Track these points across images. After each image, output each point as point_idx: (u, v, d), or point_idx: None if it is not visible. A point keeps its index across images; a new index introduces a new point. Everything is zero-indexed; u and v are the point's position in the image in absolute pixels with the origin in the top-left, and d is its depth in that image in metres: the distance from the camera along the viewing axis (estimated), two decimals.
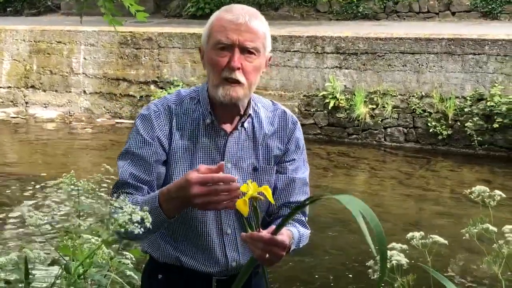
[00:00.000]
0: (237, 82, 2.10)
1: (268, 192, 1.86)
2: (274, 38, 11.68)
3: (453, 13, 14.49)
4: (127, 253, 2.61)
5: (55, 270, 2.23)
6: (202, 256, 2.21)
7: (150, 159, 2.15)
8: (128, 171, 2.14)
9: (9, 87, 14.04)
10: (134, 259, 2.57)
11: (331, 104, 11.15)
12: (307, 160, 2.38)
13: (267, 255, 1.93)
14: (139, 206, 1.99)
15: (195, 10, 16.21)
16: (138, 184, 2.13)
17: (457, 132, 10.42)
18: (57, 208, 6.71)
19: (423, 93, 10.70)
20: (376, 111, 10.97)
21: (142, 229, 1.91)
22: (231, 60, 2.08)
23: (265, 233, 1.92)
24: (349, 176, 9.88)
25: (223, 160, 2.18)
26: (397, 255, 1.42)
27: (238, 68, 2.08)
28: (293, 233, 2.16)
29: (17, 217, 7.19)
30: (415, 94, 10.72)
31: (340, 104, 11.14)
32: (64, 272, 1.98)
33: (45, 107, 13.76)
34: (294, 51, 11.58)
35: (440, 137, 10.48)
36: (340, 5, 15.26)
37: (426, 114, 10.65)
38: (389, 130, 10.98)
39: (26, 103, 13.92)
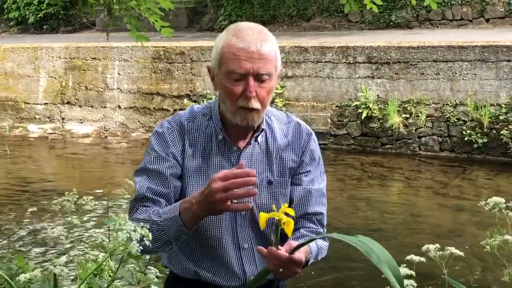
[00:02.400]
0: (253, 109, 2.12)
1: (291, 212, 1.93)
2: (305, 50, 11.75)
3: (487, 20, 14.32)
4: (152, 268, 2.63)
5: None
6: (220, 271, 2.22)
7: (166, 173, 2.18)
8: (146, 186, 2.17)
9: (46, 103, 14.29)
10: (158, 273, 2.59)
11: (364, 114, 11.10)
12: (324, 172, 2.39)
13: (281, 270, 1.98)
14: (161, 215, 2.05)
15: (228, 23, 16.31)
16: (156, 197, 2.16)
17: (492, 140, 10.28)
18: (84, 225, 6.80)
19: (457, 101, 10.59)
20: (410, 120, 10.88)
21: (160, 242, 1.95)
22: (246, 89, 2.08)
23: (283, 251, 1.97)
24: (384, 186, 9.80)
25: None
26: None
27: (254, 96, 2.10)
28: (311, 247, 2.18)
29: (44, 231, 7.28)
30: (449, 103, 10.62)
31: (373, 114, 11.09)
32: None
33: (81, 122, 13.96)
34: (326, 61, 11.56)
35: (475, 145, 10.35)
36: (372, 14, 15.20)
37: (460, 122, 10.53)
38: (423, 139, 10.88)
39: (63, 119, 14.15)
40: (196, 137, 2.22)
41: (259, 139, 2.24)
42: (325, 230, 2.36)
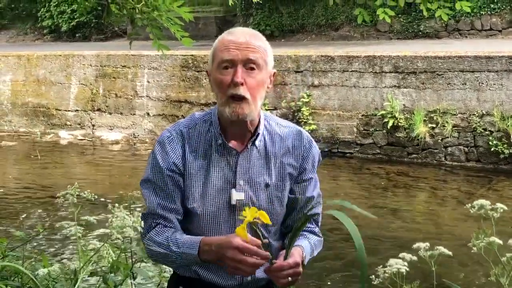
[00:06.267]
0: (242, 98, 2.21)
1: (264, 217, 2.00)
2: (332, 59, 11.81)
3: None
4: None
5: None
6: (218, 270, 2.32)
7: (170, 188, 2.30)
8: (156, 202, 2.30)
9: (77, 110, 14.55)
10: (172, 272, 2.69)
11: (390, 124, 11.12)
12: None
13: (289, 279, 2.12)
14: (179, 246, 2.20)
15: None
16: (167, 214, 2.29)
17: None
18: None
19: (483, 112, 10.56)
20: (436, 130, 10.88)
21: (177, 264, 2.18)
22: (234, 76, 2.20)
23: (279, 262, 2.13)
24: (409, 196, 9.80)
25: (235, 178, 2.30)
26: (397, 264, 1.49)
27: (242, 84, 2.20)
28: (304, 247, 2.28)
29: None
30: (475, 113, 10.60)
31: (399, 124, 11.10)
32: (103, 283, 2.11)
33: (111, 129, 14.18)
34: (352, 70, 11.61)
35: (501, 156, 10.31)
36: (401, 24, 15.21)
37: (487, 132, 10.50)
38: (449, 149, 10.86)
39: (93, 125, 14.39)
40: (197, 143, 2.33)
41: (256, 143, 2.33)
42: (320, 227, 2.48)
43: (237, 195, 2.15)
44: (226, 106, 2.23)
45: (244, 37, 2.23)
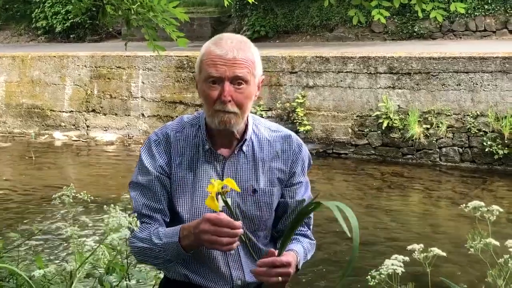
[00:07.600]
0: (230, 112, 2.20)
1: (231, 183, 2.03)
2: (327, 60, 11.81)
3: (510, 31, 14.28)
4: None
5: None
6: (208, 274, 2.32)
7: (157, 190, 2.29)
8: (141, 202, 2.30)
9: (71, 111, 14.52)
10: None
11: (385, 124, 11.14)
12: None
13: (279, 279, 2.10)
14: (161, 238, 2.20)
15: (251, 33, 16.45)
16: (152, 213, 2.29)
17: None
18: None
19: (478, 112, 10.58)
20: (431, 131, 10.90)
21: (161, 259, 2.12)
22: (221, 93, 2.17)
23: (274, 257, 2.12)
24: (403, 196, 9.82)
25: None
26: (393, 264, 1.49)
27: (229, 101, 2.18)
28: (298, 252, 2.28)
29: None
30: (470, 113, 10.62)
31: (394, 124, 11.12)
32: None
33: (105, 130, 14.16)
34: (347, 71, 11.63)
35: (496, 156, 10.33)
36: (395, 25, 15.24)
37: (481, 133, 10.52)
38: (444, 150, 10.89)
39: (87, 126, 14.37)
40: (183, 147, 2.31)
41: (244, 148, 2.32)
42: (311, 229, 2.47)
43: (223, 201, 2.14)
44: (214, 117, 2.22)
45: (231, 52, 2.17)
